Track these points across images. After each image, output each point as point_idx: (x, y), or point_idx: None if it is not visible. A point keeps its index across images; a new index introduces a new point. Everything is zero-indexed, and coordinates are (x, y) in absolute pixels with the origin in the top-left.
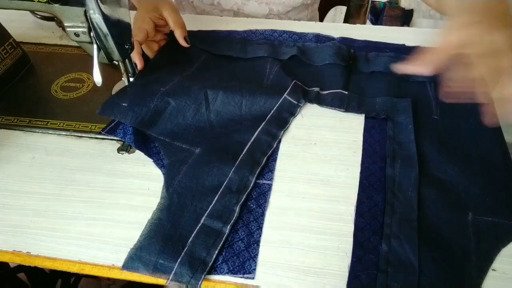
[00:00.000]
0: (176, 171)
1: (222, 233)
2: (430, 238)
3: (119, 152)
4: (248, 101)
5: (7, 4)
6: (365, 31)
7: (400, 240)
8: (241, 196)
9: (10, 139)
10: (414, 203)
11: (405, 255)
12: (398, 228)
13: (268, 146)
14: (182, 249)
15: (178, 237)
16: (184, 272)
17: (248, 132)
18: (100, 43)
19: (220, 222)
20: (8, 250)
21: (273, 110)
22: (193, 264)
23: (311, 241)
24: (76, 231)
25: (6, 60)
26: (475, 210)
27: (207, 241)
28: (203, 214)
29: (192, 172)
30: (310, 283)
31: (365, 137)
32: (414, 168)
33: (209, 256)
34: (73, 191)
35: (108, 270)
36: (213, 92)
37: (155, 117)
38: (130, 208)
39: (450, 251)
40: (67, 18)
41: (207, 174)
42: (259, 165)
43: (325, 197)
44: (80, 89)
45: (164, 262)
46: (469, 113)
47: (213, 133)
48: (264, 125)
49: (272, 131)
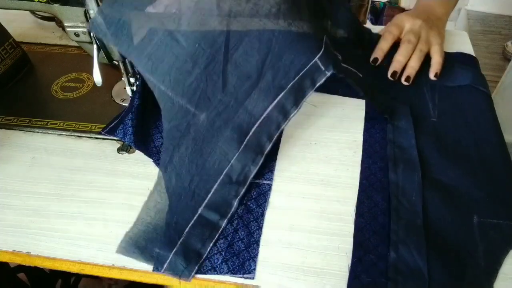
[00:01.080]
0: (176, 144)
1: (218, 226)
2: (437, 243)
3: (119, 152)
4: (275, 54)
5: (7, 4)
6: None
7: (408, 246)
8: (240, 189)
9: (10, 139)
10: (419, 208)
11: (414, 262)
12: (405, 235)
13: (277, 127)
14: (178, 239)
15: (175, 225)
16: (179, 262)
17: (261, 102)
18: (100, 43)
19: (218, 214)
20: (8, 250)
21: (297, 77)
22: (187, 255)
23: (311, 241)
24: (76, 231)
25: (6, 60)
26: (480, 212)
27: (203, 232)
28: (201, 204)
29: (193, 148)
30: (310, 283)
31: (365, 137)
32: (417, 172)
33: (203, 248)
34: (73, 191)
35: (108, 270)
36: (238, 35)
37: (158, 53)
38: (130, 208)
39: (458, 255)
40: (67, 18)
41: (208, 154)
42: (262, 153)
43: (325, 197)
44: (80, 89)
45: (159, 251)
46: (467, 113)
47: (224, 92)
48: (281, 97)
49: (287, 108)
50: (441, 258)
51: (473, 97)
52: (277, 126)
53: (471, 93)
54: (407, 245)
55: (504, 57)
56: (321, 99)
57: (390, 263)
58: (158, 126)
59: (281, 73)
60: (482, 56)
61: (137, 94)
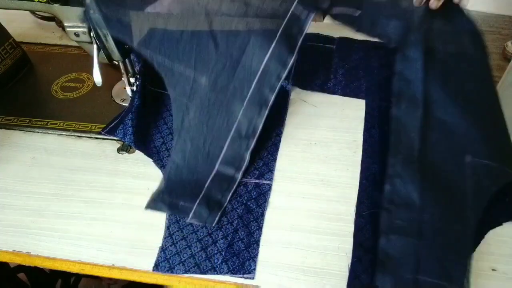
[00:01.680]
0: (185, 109)
1: (235, 179)
2: (431, 178)
3: (119, 152)
4: (255, 7)
5: (7, 4)
6: None
7: (403, 179)
8: (250, 142)
9: (10, 139)
10: (417, 144)
11: (407, 193)
12: (401, 168)
13: (277, 77)
14: (200, 192)
15: (195, 182)
16: (202, 211)
17: (257, 56)
18: (100, 43)
19: (233, 168)
20: (8, 250)
21: (283, 25)
22: (210, 204)
23: (311, 241)
24: (76, 231)
25: (6, 60)
26: (474, 153)
27: (221, 185)
28: (216, 160)
29: (201, 111)
30: (310, 283)
31: (365, 137)
32: (419, 109)
33: (224, 198)
34: (73, 191)
35: (108, 270)
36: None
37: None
38: (130, 208)
39: (449, 190)
40: (67, 18)
41: (216, 115)
42: (266, 105)
43: (325, 197)
44: (80, 89)
45: (184, 203)
46: (471, 57)
47: (218, 53)
48: (274, 47)
49: (283, 56)
50: (433, 191)
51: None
52: (277, 77)
53: (474, 38)
54: (402, 178)
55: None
56: (321, 99)
57: (385, 195)
58: (158, 126)
59: (267, 23)
60: None
61: (137, 94)
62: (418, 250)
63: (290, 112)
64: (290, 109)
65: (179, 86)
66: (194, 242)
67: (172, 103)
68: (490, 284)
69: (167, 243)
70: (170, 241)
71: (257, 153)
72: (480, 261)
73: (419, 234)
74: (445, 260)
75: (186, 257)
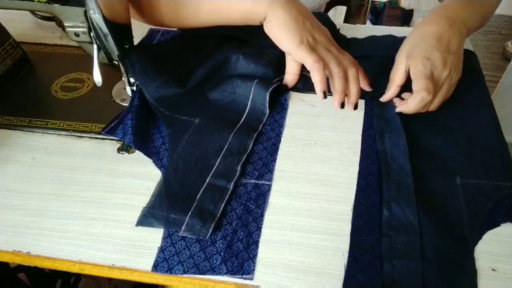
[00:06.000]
0: (179, 138)
1: (227, 189)
2: (425, 201)
3: (119, 152)
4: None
5: (7, 4)
6: (365, 31)
7: (399, 204)
8: (241, 157)
9: (10, 139)
10: (407, 168)
11: (406, 217)
12: (396, 193)
13: (262, 113)
14: (192, 205)
15: (187, 195)
16: (195, 222)
17: (242, 102)
18: (100, 43)
19: (224, 180)
20: (8, 250)
21: None
22: (202, 215)
23: (311, 241)
24: (76, 231)
25: (6, 60)
26: (462, 174)
27: (213, 196)
28: (208, 175)
29: (194, 139)
30: (310, 283)
31: (364, 137)
32: (401, 136)
33: (216, 208)
34: (73, 191)
35: (108, 270)
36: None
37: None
38: (130, 208)
39: (445, 212)
40: (67, 18)
41: (208, 140)
42: (255, 131)
43: (325, 197)
44: (80, 89)
45: (175, 216)
46: None
47: (210, 105)
48: (254, 92)
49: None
50: (429, 213)
51: None
52: (262, 113)
53: None
54: (398, 203)
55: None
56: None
57: (384, 221)
58: (158, 126)
59: (247, 79)
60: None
61: (137, 94)
62: (423, 271)
63: (290, 112)
64: (290, 109)
65: (175, 126)
66: (193, 242)
67: (169, 137)
68: (490, 284)
69: (166, 243)
70: (169, 242)
71: (257, 153)
72: (480, 261)
73: (422, 256)
74: (450, 278)
75: (185, 257)
